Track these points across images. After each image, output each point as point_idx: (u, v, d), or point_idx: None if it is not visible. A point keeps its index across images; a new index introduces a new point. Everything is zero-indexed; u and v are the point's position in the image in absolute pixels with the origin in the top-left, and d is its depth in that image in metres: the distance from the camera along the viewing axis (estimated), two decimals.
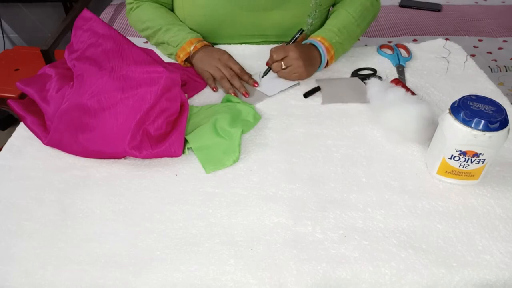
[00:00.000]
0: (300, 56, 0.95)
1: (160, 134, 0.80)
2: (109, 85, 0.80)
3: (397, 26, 1.91)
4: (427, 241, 0.66)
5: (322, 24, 1.11)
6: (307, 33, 1.11)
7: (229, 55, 1.02)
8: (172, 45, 1.04)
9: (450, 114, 0.70)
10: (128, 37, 1.05)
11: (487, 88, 0.98)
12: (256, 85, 0.98)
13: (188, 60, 1.04)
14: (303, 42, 1.02)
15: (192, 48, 1.02)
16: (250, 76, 0.99)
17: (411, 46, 1.13)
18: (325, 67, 1.03)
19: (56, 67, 0.92)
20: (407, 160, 0.80)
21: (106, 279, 0.62)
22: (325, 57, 1.00)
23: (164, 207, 0.72)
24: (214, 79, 0.99)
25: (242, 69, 1.00)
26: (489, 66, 1.66)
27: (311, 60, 0.98)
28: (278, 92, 0.97)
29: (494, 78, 1.60)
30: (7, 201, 0.73)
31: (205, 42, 1.04)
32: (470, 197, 0.73)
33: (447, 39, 1.16)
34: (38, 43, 2.11)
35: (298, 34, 1.01)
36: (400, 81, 0.97)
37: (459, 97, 0.71)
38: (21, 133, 0.87)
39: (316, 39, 1.01)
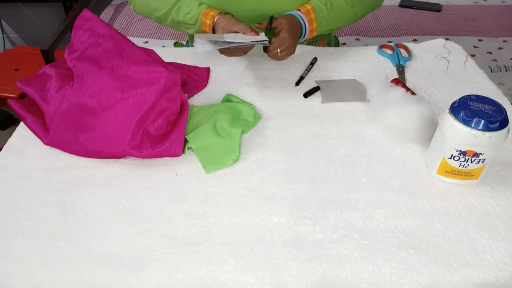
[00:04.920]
0: (294, 42, 0.96)
1: (160, 134, 0.80)
2: (109, 85, 0.80)
3: (397, 26, 1.91)
4: (427, 240, 0.66)
5: None
6: None
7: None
8: (190, 22, 1.03)
9: (450, 114, 0.70)
10: (128, 37, 1.05)
11: (487, 88, 0.98)
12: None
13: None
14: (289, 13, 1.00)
15: (209, 20, 1.00)
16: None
17: (411, 46, 1.13)
18: (306, 38, 1.03)
19: (56, 67, 0.92)
20: (407, 160, 0.80)
21: (106, 279, 0.62)
22: (306, 29, 1.00)
23: (164, 207, 0.72)
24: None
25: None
26: (489, 66, 1.66)
27: (297, 36, 0.99)
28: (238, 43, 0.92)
29: (494, 78, 1.60)
30: (7, 201, 0.73)
31: (216, 11, 1.02)
32: (470, 197, 0.73)
33: (447, 39, 1.16)
34: (38, 43, 2.11)
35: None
36: (400, 81, 0.97)
37: (459, 97, 0.71)
38: (21, 133, 0.87)
39: (303, 8, 1.00)
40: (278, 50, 0.95)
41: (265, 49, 0.97)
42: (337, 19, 1.04)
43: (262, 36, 0.93)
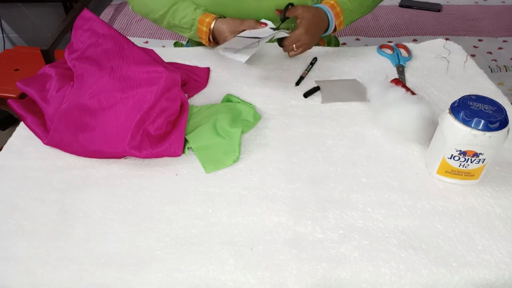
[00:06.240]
0: (312, 39, 0.96)
1: (160, 134, 0.80)
2: (109, 85, 0.80)
3: (397, 26, 1.91)
4: (427, 241, 0.66)
5: None
6: None
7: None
8: (186, 27, 1.03)
9: (450, 114, 0.70)
10: (128, 37, 1.05)
11: (487, 88, 0.98)
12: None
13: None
14: (316, 5, 1.01)
15: (205, 28, 1.00)
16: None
17: (411, 46, 1.13)
18: (332, 33, 1.03)
19: (56, 67, 0.92)
20: (407, 160, 0.80)
21: (106, 279, 0.62)
22: (333, 23, 1.00)
23: (164, 207, 0.72)
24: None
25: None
26: (489, 66, 1.66)
27: (319, 32, 0.99)
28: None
29: (494, 78, 1.60)
30: (7, 201, 0.73)
31: (212, 16, 1.01)
32: (470, 197, 0.73)
33: (447, 39, 1.16)
34: (38, 43, 2.11)
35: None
36: (400, 81, 0.97)
37: (459, 97, 0.71)
38: (21, 133, 0.87)
39: (327, 4, 1.00)
40: (294, 46, 0.95)
41: (280, 42, 0.97)
42: (358, 9, 1.05)
43: (270, 28, 0.94)
